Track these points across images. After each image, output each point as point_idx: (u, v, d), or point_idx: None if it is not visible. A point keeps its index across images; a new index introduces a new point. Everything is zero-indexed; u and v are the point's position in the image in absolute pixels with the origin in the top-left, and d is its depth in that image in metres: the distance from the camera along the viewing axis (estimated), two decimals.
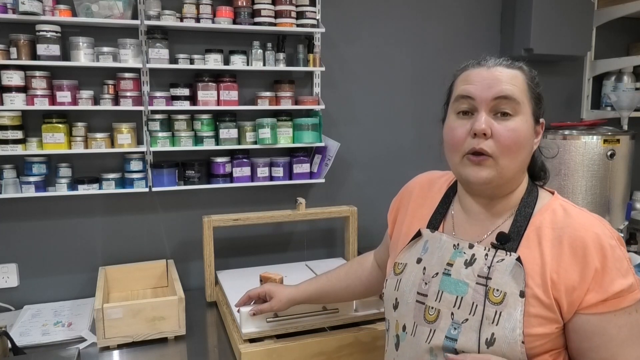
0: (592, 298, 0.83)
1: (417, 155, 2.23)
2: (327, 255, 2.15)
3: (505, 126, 0.88)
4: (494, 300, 0.87)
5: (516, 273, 0.86)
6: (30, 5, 1.55)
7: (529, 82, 0.92)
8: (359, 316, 1.47)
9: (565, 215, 0.90)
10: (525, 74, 0.93)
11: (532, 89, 0.92)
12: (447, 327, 0.90)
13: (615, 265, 0.83)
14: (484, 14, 2.29)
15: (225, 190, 1.98)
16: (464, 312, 0.89)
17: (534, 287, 0.85)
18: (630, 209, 2.06)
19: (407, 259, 1.03)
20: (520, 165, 0.92)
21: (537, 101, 0.93)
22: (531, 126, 0.91)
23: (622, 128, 2.17)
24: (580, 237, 0.85)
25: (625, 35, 2.51)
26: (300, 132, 1.92)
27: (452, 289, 0.92)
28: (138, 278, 1.84)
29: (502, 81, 0.89)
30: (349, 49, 2.09)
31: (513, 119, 0.88)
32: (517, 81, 0.90)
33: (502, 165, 0.88)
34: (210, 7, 1.78)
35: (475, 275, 0.90)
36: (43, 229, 1.80)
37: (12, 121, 1.64)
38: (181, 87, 1.79)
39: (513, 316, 0.84)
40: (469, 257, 0.93)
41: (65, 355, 1.29)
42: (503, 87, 0.88)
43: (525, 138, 0.89)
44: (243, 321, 1.35)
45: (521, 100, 0.89)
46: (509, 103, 0.88)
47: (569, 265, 0.84)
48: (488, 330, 0.86)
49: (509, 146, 0.87)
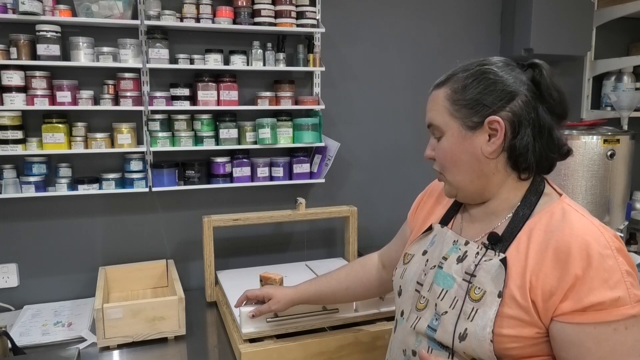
0: (566, 306, 0.80)
1: (417, 156, 2.23)
2: (327, 255, 2.15)
3: (438, 147, 0.97)
4: (474, 298, 0.88)
5: (499, 274, 0.86)
6: (30, 5, 1.55)
7: (452, 96, 0.93)
8: (359, 316, 1.47)
9: (561, 219, 0.87)
10: (450, 87, 0.93)
11: (457, 100, 0.92)
12: (431, 317, 0.93)
13: (600, 275, 0.78)
14: (484, 14, 2.29)
15: (225, 190, 1.98)
16: (445, 304, 0.91)
17: (513, 288, 0.84)
18: (630, 209, 2.06)
19: (415, 250, 1.07)
20: (470, 173, 0.93)
21: (470, 107, 0.91)
22: (460, 138, 0.92)
23: (622, 128, 2.17)
24: (566, 242, 0.82)
25: (625, 35, 2.51)
26: (300, 132, 1.92)
27: (441, 282, 0.94)
28: (138, 278, 1.84)
29: (428, 109, 0.99)
30: (349, 49, 2.09)
31: (441, 140, 0.96)
32: (436, 103, 0.96)
33: (450, 180, 0.97)
34: (210, 7, 1.78)
35: (463, 271, 0.92)
36: (43, 229, 1.80)
37: (12, 121, 1.64)
38: (181, 87, 1.79)
39: (487, 314, 0.84)
40: (462, 253, 0.94)
41: (65, 355, 1.29)
42: (428, 116, 0.99)
43: (453, 152, 0.94)
44: (243, 321, 1.35)
45: (440, 122, 0.95)
46: (435, 128, 0.97)
47: (549, 269, 0.82)
48: (463, 325, 0.87)
49: (442, 164, 0.97)
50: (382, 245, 1.34)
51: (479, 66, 0.92)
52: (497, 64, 0.92)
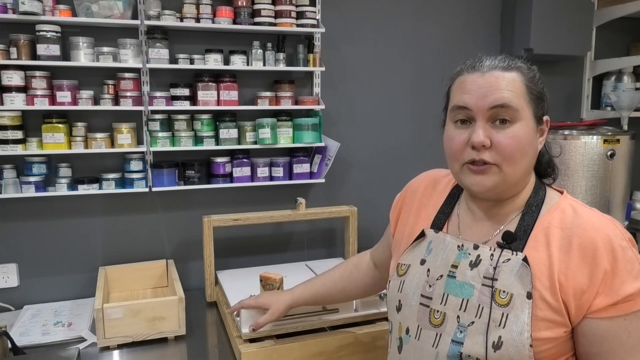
0: (601, 301, 0.80)
1: (417, 155, 2.24)
2: (327, 255, 2.15)
3: (505, 134, 0.85)
4: (501, 302, 0.84)
5: (523, 274, 0.84)
6: (30, 5, 1.55)
7: (528, 83, 0.88)
8: (359, 316, 1.48)
9: (574, 215, 0.87)
10: (524, 74, 0.88)
11: (532, 89, 0.88)
12: (453, 330, 0.88)
13: (626, 267, 0.80)
14: (484, 14, 2.29)
15: (225, 190, 1.98)
16: (470, 314, 0.87)
17: (542, 290, 0.83)
18: (630, 209, 2.06)
19: (410, 260, 1.01)
20: (526, 169, 0.90)
21: (539, 100, 0.89)
22: (533, 129, 0.88)
23: (622, 128, 2.17)
24: (590, 237, 0.82)
25: (625, 35, 2.51)
26: (300, 132, 1.92)
27: (458, 292, 0.90)
28: (138, 278, 1.84)
29: (498, 88, 0.85)
30: (349, 49, 2.09)
31: (512, 125, 0.85)
32: (514, 85, 0.86)
33: (507, 173, 0.87)
34: (210, 7, 1.78)
35: (481, 276, 0.88)
36: (43, 229, 1.80)
37: (12, 121, 1.64)
38: (181, 87, 1.79)
39: (520, 319, 0.82)
40: (474, 258, 0.91)
41: (65, 355, 1.29)
42: (499, 96, 0.85)
43: (527, 143, 0.87)
44: (243, 321, 1.35)
45: (519, 106, 0.86)
46: (507, 111, 0.85)
47: (578, 267, 0.82)
48: (495, 333, 0.83)
49: (511, 154, 0.85)
50: None
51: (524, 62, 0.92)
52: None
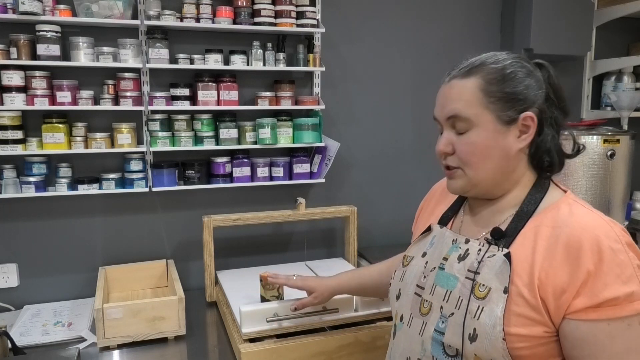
0: (580, 302, 0.78)
1: (417, 155, 2.24)
2: (327, 255, 2.15)
3: (461, 141, 0.90)
4: (479, 295, 0.85)
5: (503, 269, 0.84)
6: (30, 5, 1.55)
7: (487, 87, 0.88)
8: (359, 316, 1.47)
9: (569, 214, 0.86)
10: (484, 77, 0.88)
11: (492, 92, 0.88)
12: (437, 320, 0.91)
13: (613, 270, 0.78)
14: (484, 14, 2.29)
15: (225, 190, 1.98)
16: (451, 306, 0.89)
17: (520, 286, 0.82)
18: (630, 209, 2.06)
19: (414, 252, 1.06)
20: (495, 170, 0.90)
21: (506, 101, 0.88)
22: (495, 132, 0.88)
23: (622, 128, 2.17)
24: (576, 237, 0.81)
25: (625, 35, 2.51)
26: (300, 132, 1.92)
27: (444, 283, 0.92)
28: (138, 278, 1.84)
29: (450, 99, 0.90)
30: (349, 49, 2.09)
31: (468, 132, 0.89)
32: (466, 94, 0.89)
33: (470, 176, 0.91)
34: (210, 7, 1.78)
35: (466, 269, 0.90)
36: (43, 229, 1.80)
37: (12, 121, 1.64)
38: (181, 87, 1.79)
39: (494, 312, 0.82)
40: (463, 251, 0.93)
41: (65, 355, 1.29)
42: (450, 107, 0.90)
43: (485, 147, 0.89)
44: (243, 321, 1.36)
45: (470, 114, 0.88)
46: (459, 121, 0.90)
47: (560, 266, 0.80)
48: (471, 325, 0.84)
49: (467, 159, 0.90)
50: (382, 245, 1.34)
51: (514, 60, 0.91)
52: (525, 59, 0.92)
